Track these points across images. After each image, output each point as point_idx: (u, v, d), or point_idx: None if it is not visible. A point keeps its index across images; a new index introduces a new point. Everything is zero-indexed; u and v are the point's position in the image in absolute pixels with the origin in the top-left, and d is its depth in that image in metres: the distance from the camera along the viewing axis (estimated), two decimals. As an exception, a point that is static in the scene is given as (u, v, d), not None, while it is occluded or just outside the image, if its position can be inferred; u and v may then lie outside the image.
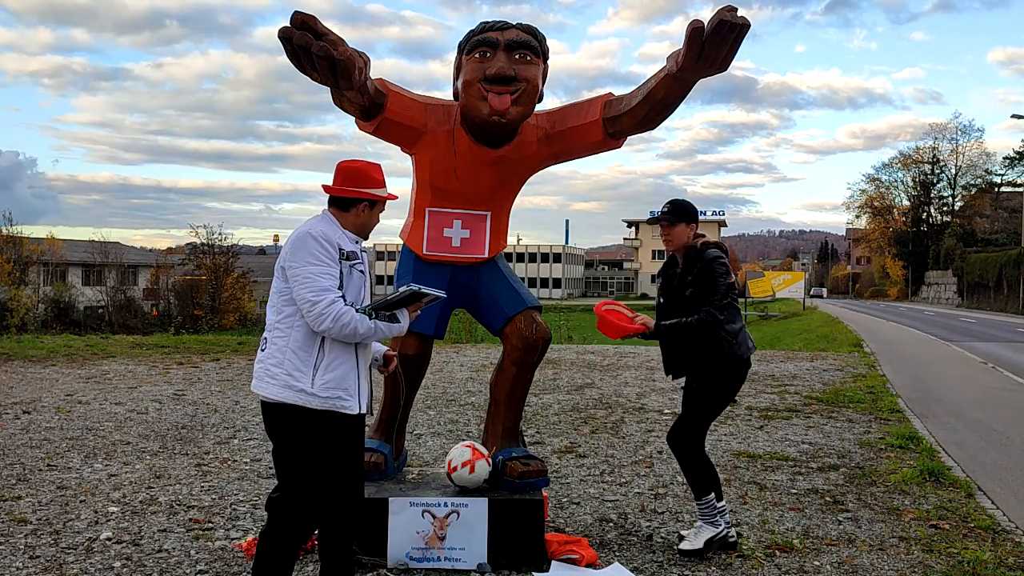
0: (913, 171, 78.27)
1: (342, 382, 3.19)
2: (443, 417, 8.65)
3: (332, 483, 3.28)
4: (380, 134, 4.30)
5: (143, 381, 11.06)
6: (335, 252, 3.16)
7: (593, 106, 4.35)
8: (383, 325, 3.20)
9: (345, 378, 3.20)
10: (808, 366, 14.28)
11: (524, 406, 4.73)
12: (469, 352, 16.12)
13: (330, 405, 3.17)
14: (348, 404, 3.21)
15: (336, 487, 3.29)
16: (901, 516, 5.25)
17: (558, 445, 7.23)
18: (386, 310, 3.24)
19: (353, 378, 3.23)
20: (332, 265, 3.14)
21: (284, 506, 3.24)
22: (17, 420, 8.08)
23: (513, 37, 4.15)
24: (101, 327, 31.73)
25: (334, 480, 3.28)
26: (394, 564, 4.15)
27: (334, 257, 3.15)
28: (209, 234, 38.87)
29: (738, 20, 3.49)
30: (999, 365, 15.56)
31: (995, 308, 47.82)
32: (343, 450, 3.28)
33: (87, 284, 42.36)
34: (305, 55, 3.30)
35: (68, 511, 5.09)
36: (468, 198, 4.44)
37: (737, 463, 6.62)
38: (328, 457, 3.24)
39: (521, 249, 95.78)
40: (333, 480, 3.27)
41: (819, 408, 9.55)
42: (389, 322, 3.22)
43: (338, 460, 3.27)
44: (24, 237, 38.12)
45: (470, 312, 4.76)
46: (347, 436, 3.28)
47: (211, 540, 4.61)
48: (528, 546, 4.21)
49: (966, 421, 9.15)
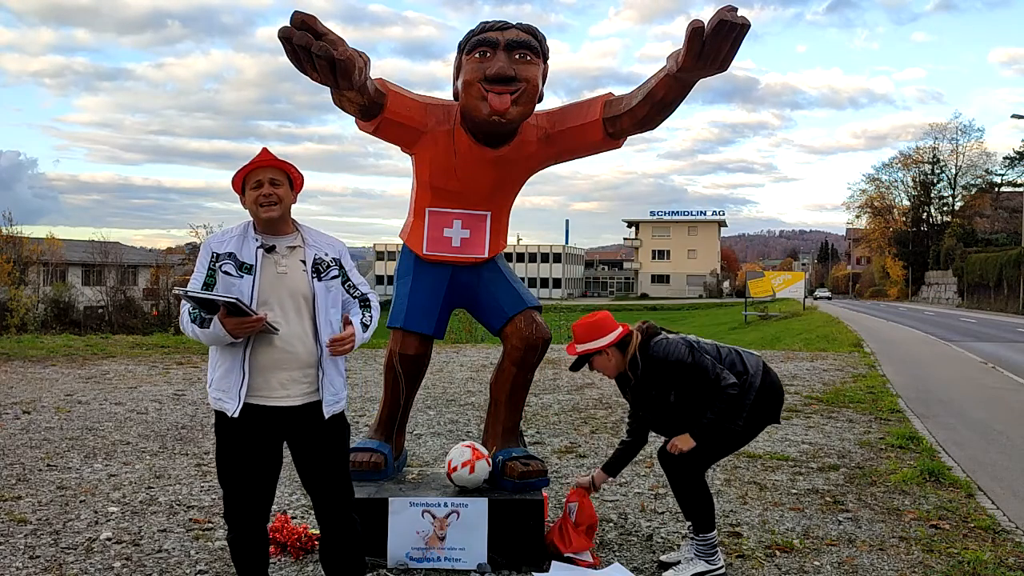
0: (913, 171, 78.32)
1: (221, 382, 3.15)
2: (443, 417, 8.64)
3: (234, 484, 3.21)
4: (380, 134, 4.30)
5: (143, 381, 11.05)
6: (207, 256, 3.18)
7: (593, 106, 4.35)
8: (194, 328, 3.07)
9: (224, 379, 3.14)
10: (808, 366, 14.28)
11: (524, 406, 4.73)
12: (469, 352, 16.12)
13: (215, 405, 3.17)
14: (227, 406, 3.12)
15: (241, 489, 3.21)
16: (901, 516, 5.25)
17: (558, 445, 7.23)
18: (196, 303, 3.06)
19: (234, 378, 3.11)
20: (200, 272, 3.16)
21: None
22: (17, 420, 8.08)
23: (513, 37, 4.14)
24: (101, 327, 31.73)
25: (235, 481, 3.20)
26: (394, 564, 4.15)
27: (204, 262, 3.17)
28: (209, 234, 38.89)
29: (738, 20, 3.48)
30: (999, 365, 15.55)
31: (995, 308, 47.81)
32: (236, 451, 3.18)
33: (87, 284, 42.37)
34: (305, 55, 3.30)
35: (68, 511, 5.09)
36: (468, 198, 4.43)
37: (737, 463, 6.62)
38: (223, 457, 3.22)
39: (521, 249, 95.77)
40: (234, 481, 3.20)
41: (819, 408, 9.54)
42: (199, 325, 3.05)
43: (232, 461, 3.19)
44: (24, 237, 38.13)
45: (470, 312, 4.76)
46: (235, 437, 3.17)
47: (211, 540, 4.61)
48: (528, 546, 4.21)
49: (966, 421, 9.14)
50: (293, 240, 3.24)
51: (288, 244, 3.22)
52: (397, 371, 4.51)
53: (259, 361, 3.11)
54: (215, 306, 2.99)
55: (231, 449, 3.19)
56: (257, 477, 3.22)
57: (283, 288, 3.14)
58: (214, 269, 3.13)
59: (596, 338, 4.00)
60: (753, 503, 5.50)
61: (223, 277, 3.11)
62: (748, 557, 4.47)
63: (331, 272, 3.25)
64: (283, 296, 3.14)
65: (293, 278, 3.16)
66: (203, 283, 3.12)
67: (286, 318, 3.13)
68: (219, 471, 3.27)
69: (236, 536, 3.28)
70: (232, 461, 3.20)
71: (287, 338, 3.12)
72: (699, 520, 4.16)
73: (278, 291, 3.13)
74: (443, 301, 4.53)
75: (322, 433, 3.23)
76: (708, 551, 4.14)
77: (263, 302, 3.11)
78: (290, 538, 4.36)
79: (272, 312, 3.10)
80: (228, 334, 3.00)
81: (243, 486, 3.21)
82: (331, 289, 3.24)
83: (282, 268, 3.16)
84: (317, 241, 3.30)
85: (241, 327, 3.00)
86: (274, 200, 3.14)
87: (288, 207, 3.22)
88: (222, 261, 3.13)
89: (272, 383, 3.13)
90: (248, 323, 3.00)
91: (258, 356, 3.11)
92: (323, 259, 3.24)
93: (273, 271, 3.15)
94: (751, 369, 4.03)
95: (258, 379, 3.11)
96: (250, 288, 3.10)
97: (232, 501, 3.24)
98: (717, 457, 4.30)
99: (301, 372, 3.16)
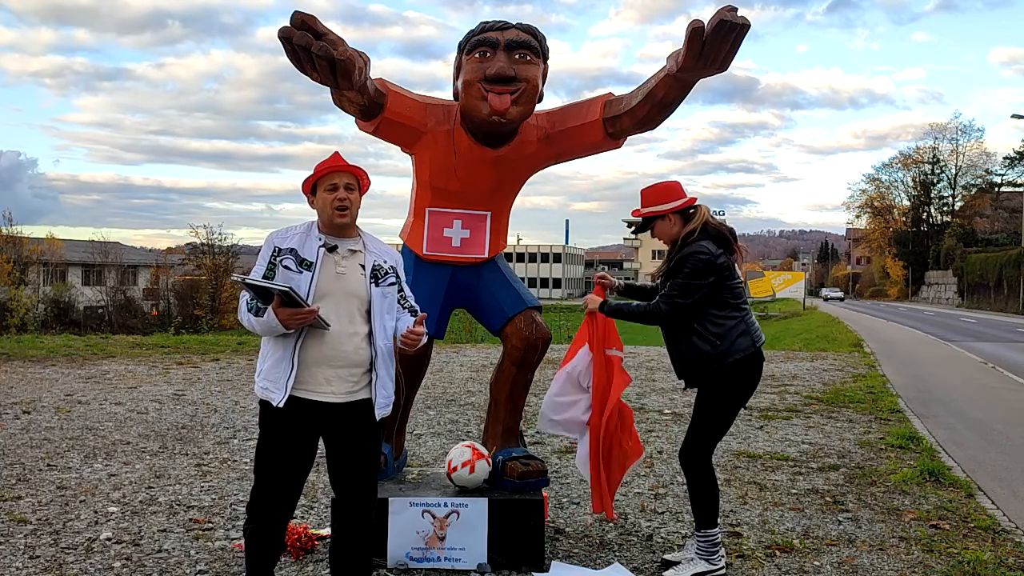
0: (913, 171, 78.31)
1: (270, 373, 3.22)
2: (443, 417, 8.65)
3: (269, 475, 3.26)
4: (380, 134, 4.30)
5: (143, 381, 11.05)
6: (268, 251, 3.26)
7: (593, 106, 4.35)
8: (250, 317, 3.16)
9: (273, 369, 3.22)
10: (808, 366, 14.29)
11: (524, 406, 4.73)
12: (469, 352, 16.12)
13: (261, 395, 3.25)
14: (273, 396, 3.20)
15: (275, 480, 3.26)
16: (901, 516, 5.25)
17: (558, 445, 7.23)
18: (252, 290, 3.15)
19: (283, 369, 3.19)
20: (260, 264, 3.25)
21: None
22: (17, 420, 8.08)
23: (513, 37, 4.14)
24: (101, 327, 31.73)
25: (271, 472, 3.26)
26: (394, 564, 4.15)
27: (265, 255, 3.26)
28: (209, 234, 38.90)
29: (738, 20, 3.48)
30: (999, 365, 15.56)
31: (995, 308, 47.83)
32: (277, 441, 3.24)
33: (87, 284, 42.38)
34: (305, 55, 3.30)
35: (68, 511, 5.09)
36: (468, 198, 4.43)
37: (737, 463, 6.62)
38: (264, 447, 3.29)
39: (521, 249, 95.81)
40: (270, 472, 3.26)
41: (819, 408, 9.55)
42: (254, 315, 3.14)
43: (272, 451, 3.26)
44: (24, 237, 38.13)
45: (470, 312, 4.76)
46: (277, 427, 3.23)
47: (211, 540, 4.61)
48: (528, 546, 4.21)
49: (966, 421, 9.15)
50: (355, 244, 3.34)
51: (350, 247, 3.31)
52: (397, 371, 4.50)
53: (308, 355, 3.19)
54: (270, 296, 3.08)
55: (272, 440, 3.25)
56: (291, 470, 3.28)
57: (340, 288, 3.22)
58: (274, 263, 3.23)
59: (664, 202, 4.01)
60: (753, 503, 5.50)
61: (283, 271, 3.20)
62: (748, 557, 4.47)
63: (388, 279, 3.35)
64: (339, 296, 3.23)
65: (351, 280, 3.25)
66: (263, 275, 3.20)
67: (339, 317, 3.20)
68: (256, 461, 3.33)
69: (256, 528, 3.32)
70: (272, 452, 3.26)
71: (337, 336, 3.20)
72: (701, 513, 4.09)
73: (335, 290, 3.22)
74: (443, 301, 4.53)
75: (362, 433, 3.30)
76: (710, 549, 4.09)
77: (320, 299, 3.19)
78: (290, 538, 4.35)
79: (326, 309, 3.18)
80: (281, 324, 3.08)
81: (276, 477, 3.27)
82: (387, 296, 3.34)
83: (341, 268, 3.26)
84: (377, 248, 3.40)
85: (293, 318, 3.08)
86: (347, 206, 3.25)
87: (357, 212, 3.34)
88: (283, 256, 3.23)
89: (318, 378, 3.20)
90: (300, 315, 3.08)
91: (308, 350, 3.19)
92: (382, 266, 3.34)
93: (332, 270, 3.25)
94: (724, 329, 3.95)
95: (305, 373, 3.19)
96: (308, 284, 3.19)
97: (262, 492, 3.29)
98: (707, 432, 4.10)
99: (347, 371, 3.23)
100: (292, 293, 3.04)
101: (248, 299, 3.17)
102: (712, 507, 4.09)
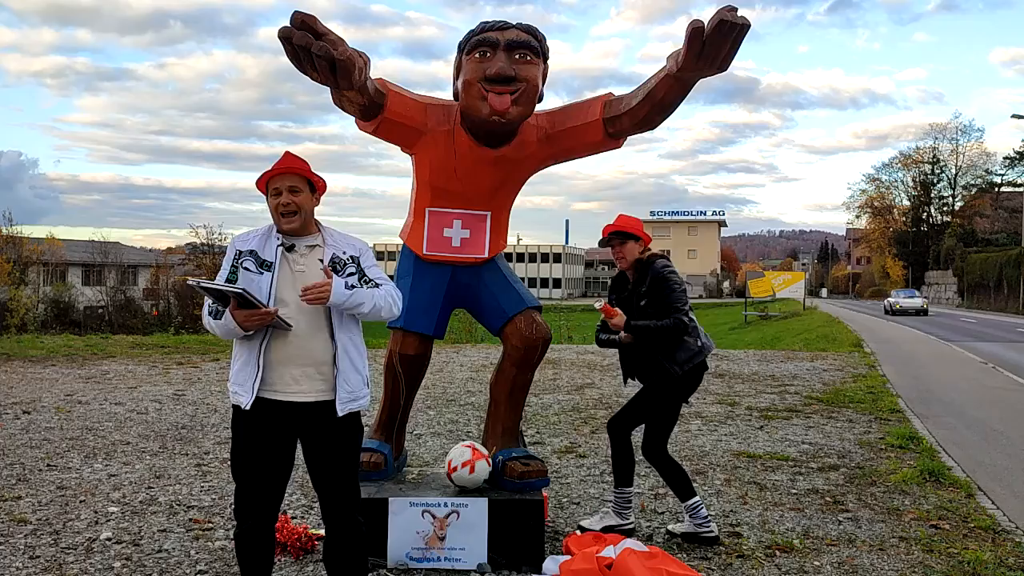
0: (913, 171, 78.19)
1: (238, 376, 3.22)
2: (443, 417, 8.65)
3: (246, 478, 3.24)
4: (380, 134, 4.30)
5: (143, 381, 11.06)
6: (231, 254, 3.26)
7: (593, 106, 4.35)
8: (210, 320, 3.16)
9: (240, 372, 3.21)
10: (808, 366, 14.29)
11: (524, 406, 4.73)
12: (469, 352, 16.12)
13: (232, 399, 3.25)
14: (241, 399, 3.19)
15: (252, 483, 3.24)
16: (901, 516, 5.25)
17: (558, 445, 7.23)
18: (208, 293, 3.14)
19: (249, 371, 3.18)
20: (224, 266, 3.25)
21: None
22: (17, 420, 8.08)
23: (513, 37, 4.14)
24: (101, 327, 31.69)
25: (247, 476, 3.24)
26: (394, 564, 4.15)
27: (228, 258, 3.26)
28: (209, 234, 38.86)
29: (738, 20, 3.48)
30: (999, 365, 15.55)
31: (995, 308, 47.82)
32: (248, 445, 3.22)
33: (87, 284, 42.35)
34: (305, 55, 3.30)
35: (68, 511, 5.09)
36: (468, 198, 4.43)
37: (737, 463, 6.62)
38: (236, 451, 3.27)
39: (521, 249, 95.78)
40: (246, 475, 3.24)
41: (819, 408, 9.55)
42: (214, 318, 3.14)
43: (244, 455, 3.23)
44: (24, 237, 38.12)
45: (470, 312, 4.76)
46: (247, 430, 3.21)
47: (211, 540, 4.61)
48: (528, 546, 4.21)
49: (966, 421, 9.15)
50: (313, 240, 3.32)
51: (308, 244, 3.30)
52: (397, 371, 4.51)
53: (274, 356, 3.19)
54: (227, 299, 3.07)
55: (244, 442, 3.24)
56: (267, 472, 3.25)
57: (300, 285, 3.19)
58: (236, 266, 3.23)
59: (632, 231, 4.71)
60: (753, 503, 5.50)
61: (244, 273, 3.20)
62: (748, 557, 4.47)
63: (348, 269, 3.29)
64: (299, 293, 3.20)
65: (311, 276, 3.22)
66: (225, 279, 3.20)
67: (302, 315, 3.19)
68: (232, 464, 3.33)
69: (242, 531, 3.30)
70: (244, 455, 3.24)
71: (302, 334, 3.19)
72: (677, 488, 4.68)
73: (295, 288, 3.19)
74: (443, 301, 4.53)
75: (334, 432, 3.26)
76: (623, 505, 4.75)
77: (280, 299, 3.19)
78: (290, 538, 4.36)
79: (288, 308, 3.17)
80: (239, 326, 3.07)
81: (254, 480, 3.25)
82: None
83: (300, 267, 3.25)
84: (337, 241, 3.36)
85: (251, 319, 3.08)
86: (292, 210, 3.22)
87: (309, 212, 3.30)
88: (244, 258, 3.23)
89: (285, 378, 3.19)
90: (257, 315, 3.07)
91: (273, 351, 3.19)
92: (341, 257, 3.30)
93: (291, 269, 3.23)
94: (703, 341, 4.69)
95: (272, 374, 3.18)
96: (268, 285, 3.19)
97: (242, 495, 3.28)
98: (642, 421, 4.77)
99: (315, 368, 3.21)
100: (247, 295, 3.03)
101: (210, 303, 3.18)
102: (686, 482, 4.69)
